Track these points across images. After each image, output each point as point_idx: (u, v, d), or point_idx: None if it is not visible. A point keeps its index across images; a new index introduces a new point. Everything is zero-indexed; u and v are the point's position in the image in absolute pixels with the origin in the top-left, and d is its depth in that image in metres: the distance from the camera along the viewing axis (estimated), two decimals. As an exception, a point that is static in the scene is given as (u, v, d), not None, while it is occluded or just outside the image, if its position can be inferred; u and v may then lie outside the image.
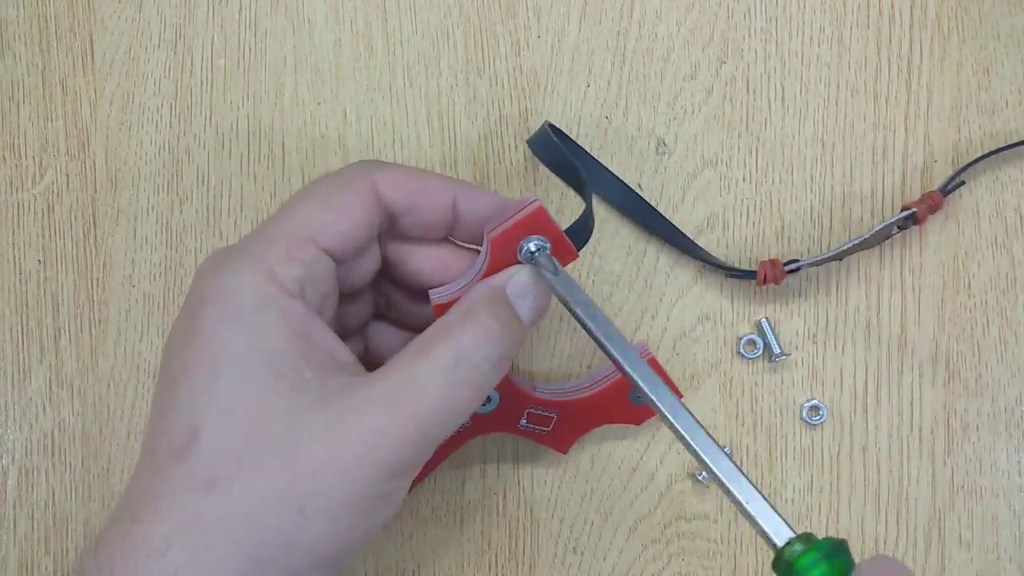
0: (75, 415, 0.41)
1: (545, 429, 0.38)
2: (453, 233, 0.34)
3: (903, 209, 0.39)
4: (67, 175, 0.41)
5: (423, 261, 0.34)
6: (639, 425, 0.39)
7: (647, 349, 0.37)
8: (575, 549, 0.41)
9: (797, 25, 0.41)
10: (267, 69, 0.41)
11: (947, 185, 0.39)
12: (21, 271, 0.41)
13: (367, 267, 0.34)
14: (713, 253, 0.40)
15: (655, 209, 0.40)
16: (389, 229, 0.33)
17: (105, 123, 0.41)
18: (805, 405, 0.40)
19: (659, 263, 0.41)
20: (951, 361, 0.41)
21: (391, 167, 0.33)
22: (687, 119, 0.41)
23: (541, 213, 0.32)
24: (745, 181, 0.41)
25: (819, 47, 0.41)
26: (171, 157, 0.41)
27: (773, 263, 0.39)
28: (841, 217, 0.41)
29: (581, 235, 0.34)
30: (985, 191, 0.41)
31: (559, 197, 0.41)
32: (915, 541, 0.40)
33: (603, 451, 0.41)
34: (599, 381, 0.38)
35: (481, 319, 0.30)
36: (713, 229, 0.41)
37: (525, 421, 0.37)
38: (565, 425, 0.38)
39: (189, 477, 0.28)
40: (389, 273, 0.35)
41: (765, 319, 0.40)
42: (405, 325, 0.37)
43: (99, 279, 0.41)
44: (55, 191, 0.41)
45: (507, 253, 0.32)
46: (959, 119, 0.41)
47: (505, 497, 0.41)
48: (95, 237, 0.41)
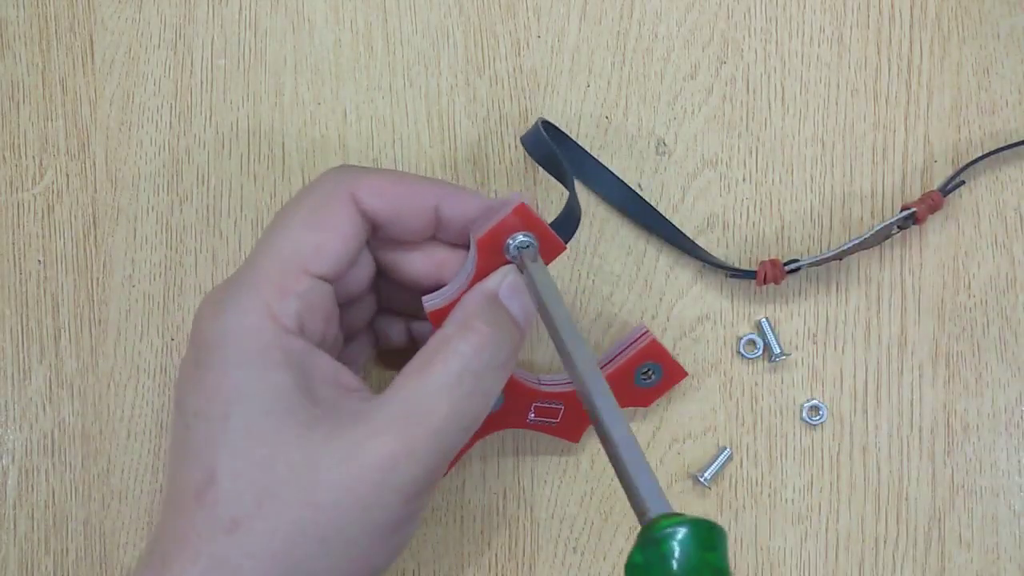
0: (75, 415, 0.41)
1: (554, 421, 0.38)
2: (438, 235, 0.34)
3: (903, 209, 0.39)
4: (67, 175, 0.41)
5: (415, 261, 0.34)
6: (647, 407, 0.39)
7: (646, 330, 0.37)
8: (575, 549, 0.41)
9: (797, 25, 0.41)
10: (267, 69, 0.41)
11: (947, 185, 0.39)
12: (21, 271, 0.41)
13: (362, 274, 0.34)
14: (713, 253, 0.40)
15: (655, 209, 0.40)
16: (374, 235, 0.33)
17: (105, 123, 0.41)
18: (805, 405, 0.40)
19: (659, 263, 0.41)
20: (951, 361, 0.41)
21: (369, 174, 0.32)
22: (687, 119, 0.41)
23: (523, 210, 0.32)
24: (745, 181, 0.41)
25: (819, 47, 0.41)
26: (171, 157, 0.41)
27: (773, 263, 0.39)
28: (841, 217, 0.41)
29: (567, 226, 0.34)
30: (985, 191, 0.41)
31: (559, 197, 0.41)
32: (915, 541, 0.40)
33: (603, 451, 0.41)
34: (603, 366, 0.38)
35: (478, 327, 0.30)
36: (713, 229, 0.41)
37: (533, 415, 0.37)
38: (573, 414, 0.38)
39: (212, 518, 0.28)
40: (384, 273, 0.35)
41: (765, 319, 0.40)
42: (411, 314, 0.37)
43: (99, 279, 0.41)
44: (55, 191, 0.41)
45: (495, 252, 0.33)
46: (959, 119, 0.41)
47: (505, 497, 0.41)
48: (95, 237, 0.41)
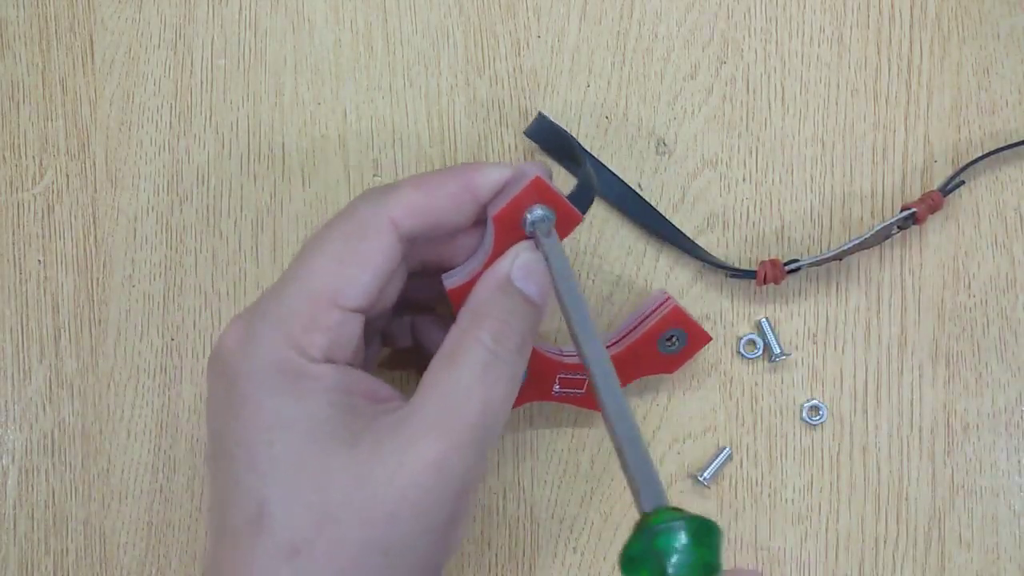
0: (75, 415, 0.41)
1: (580, 391, 0.38)
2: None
3: (903, 209, 0.39)
4: (67, 175, 0.41)
5: (450, 250, 0.34)
6: (672, 373, 0.39)
7: (668, 296, 0.37)
8: (575, 549, 0.41)
9: (797, 25, 0.41)
10: (267, 69, 0.41)
11: (947, 185, 0.39)
12: (21, 271, 0.41)
13: (393, 290, 0.33)
14: (713, 253, 0.40)
15: (655, 209, 0.40)
16: (411, 246, 0.32)
17: (105, 123, 0.41)
18: (805, 405, 0.40)
19: (659, 263, 0.41)
20: (951, 361, 0.41)
21: (401, 192, 0.32)
22: (687, 119, 0.41)
23: (539, 183, 0.32)
24: (745, 181, 0.41)
25: (819, 47, 0.41)
26: (171, 157, 0.41)
27: (773, 263, 0.39)
28: (841, 217, 0.41)
29: (584, 197, 0.34)
30: (985, 191, 0.41)
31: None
32: (915, 541, 0.40)
33: (603, 451, 0.41)
34: (626, 335, 0.38)
35: (494, 314, 0.31)
36: (713, 229, 0.41)
37: (558, 387, 0.37)
38: None
39: (272, 546, 0.28)
40: (414, 271, 0.35)
41: (765, 319, 0.40)
42: (421, 307, 0.37)
43: (99, 279, 0.41)
44: (55, 191, 0.41)
45: (512, 227, 0.33)
46: (959, 119, 0.41)
47: (505, 497, 0.41)
48: (95, 237, 0.41)
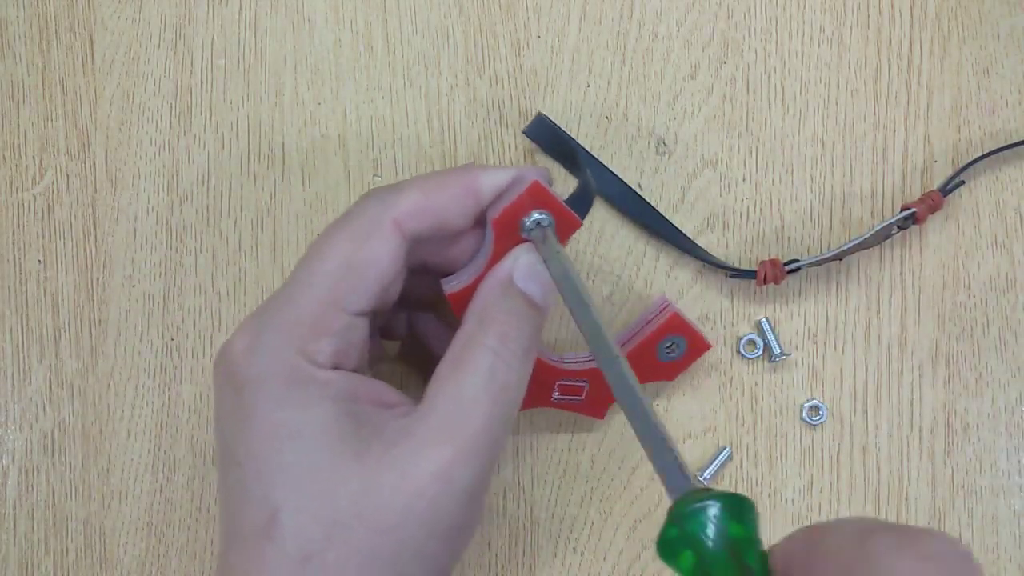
0: (75, 415, 0.41)
1: (579, 398, 0.38)
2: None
3: (903, 209, 0.39)
4: (67, 175, 0.41)
5: (453, 251, 0.34)
6: (672, 380, 0.39)
7: (667, 303, 0.38)
8: (575, 549, 0.41)
9: (797, 25, 0.41)
10: (267, 69, 0.41)
11: (947, 185, 0.39)
12: (21, 271, 0.41)
13: (395, 291, 0.33)
14: (713, 253, 0.40)
15: (655, 209, 0.40)
16: (415, 246, 0.32)
17: (105, 123, 0.41)
18: (805, 405, 0.40)
19: (659, 263, 0.41)
20: (951, 361, 0.41)
21: (405, 194, 0.32)
22: (687, 119, 0.41)
23: (537, 188, 0.33)
24: (745, 181, 0.41)
25: (819, 47, 0.41)
26: (171, 157, 0.41)
27: (773, 263, 0.39)
28: (841, 217, 0.41)
29: (582, 202, 0.34)
30: (985, 191, 0.41)
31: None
32: (915, 541, 0.40)
33: (603, 451, 0.41)
34: (625, 343, 0.38)
35: (499, 318, 0.31)
36: (713, 229, 0.41)
37: (557, 394, 0.37)
38: (598, 391, 0.38)
39: (282, 555, 0.28)
40: (416, 270, 0.35)
41: (765, 319, 0.40)
42: (420, 305, 0.38)
43: (99, 279, 0.41)
44: (55, 191, 0.41)
45: (511, 231, 0.33)
46: (959, 119, 0.41)
47: (505, 497, 0.41)
48: (95, 237, 0.41)
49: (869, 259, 0.41)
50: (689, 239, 0.40)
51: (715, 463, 0.40)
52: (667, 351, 0.37)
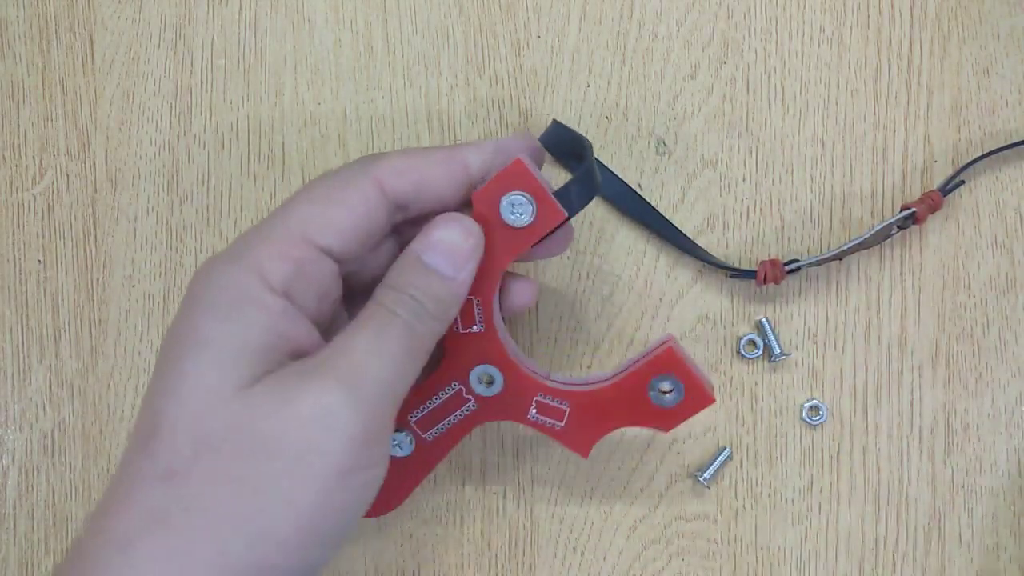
0: (75, 415, 0.41)
1: (559, 424, 0.36)
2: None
3: (903, 209, 0.39)
4: (67, 175, 0.41)
5: None
6: (667, 432, 0.35)
7: (670, 336, 0.36)
8: (575, 549, 0.41)
9: (797, 25, 0.41)
10: (267, 69, 0.41)
11: (947, 185, 0.39)
12: (21, 271, 0.41)
13: (383, 261, 0.34)
14: (713, 253, 0.40)
15: (655, 209, 0.40)
16: (404, 216, 0.33)
17: (105, 123, 0.41)
18: (805, 405, 0.40)
19: (659, 263, 0.41)
20: (951, 361, 0.41)
21: (390, 157, 0.33)
22: (687, 119, 0.41)
23: (520, 167, 0.32)
24: (745, 181, 0.41)
25: (819, 47, 0.41)
26: (171, 157, 0.41)
27: (773, 263, 0.39)
28: (841, 217, 0.41)
29: (575, 194, 0.33)
30: (985, 191, 0.41)
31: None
32: (915, 541, 0.40)
33: (603, 451, 0.41)
34: (617, 374, 0.35)
35: (403, 288, 0.31)
36: (713, 229, 0.41)
37: (535, 411, 0.36)
38: (581, 421, 0.35)
39: (152, 467, 0.28)
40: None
41: (765, 319, 0.40)
42: None
43: (99, 279, 0.41)
44: (55, 191, 0.41)
45: (491, 209, 0.33)
46: (959, 119, 0.41)
47: (505, 497, 0.41)
48: (95, 237, 0.41)
49: (869, 259, 0.41)
50: (689, 239, 0.40)
51: (715, 463, 0.40)
52: (661, 394, 0.35)
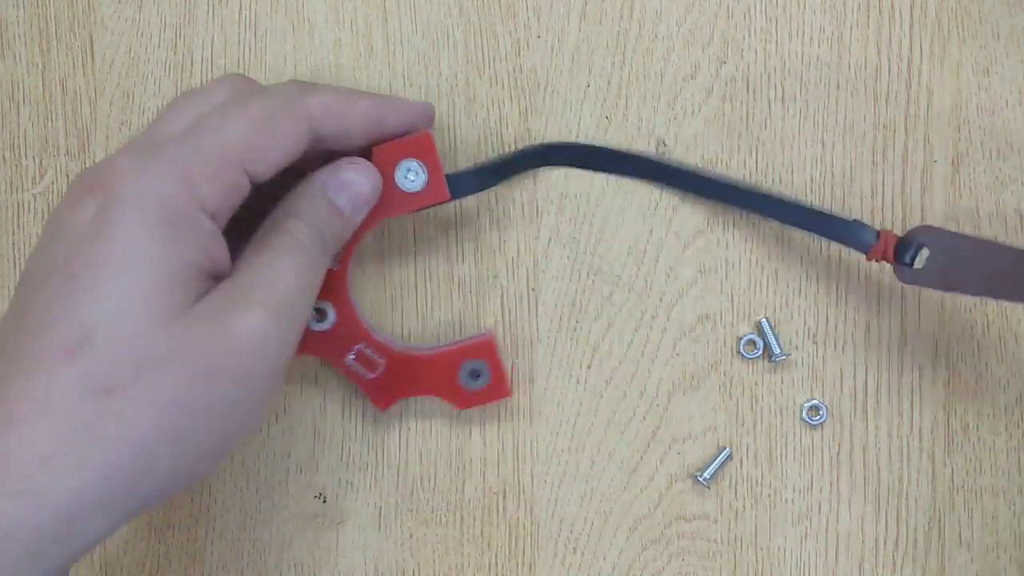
0: (75, 415, 0.41)
1: (370, 374, 0.38)
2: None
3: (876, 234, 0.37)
4: (67, 175, 0.41)
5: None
6: (459, 409, 0.40)
7: (491, 333, 0.40)
8: (575, 549, 0.41)
9: (797, 25, 0.41)
10: (267, 69, 0.41)
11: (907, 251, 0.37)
12: (21, 271, 0.41)
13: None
14: (713, 253, 0.40)
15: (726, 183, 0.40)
16: (311, 144, 0.34)
17: (105, 123, 0.41)
18: (805, 405, 0.40)
19: (659, 263, 0.41)
20: (951, 361, 0.41)
21: (323, 92, 0.34)
22: (687, 119, 0.41)
23: (428, 140, 0.36)
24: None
25: (819, 47, 0.41)
26: (171, 157, 0.41)
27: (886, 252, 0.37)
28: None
29: (468, 182, 0.38)
30: (985, 191, 0.41)
31: (559, 198, 0.41)
32: (915, 541, 0.40)
33: (603, 451, 0.41)
34: (437, 348, 0.39)
35: (304, 216, 0.33)
36: (713, 230, 0.41)
37: (352, 357, 0.38)
38: (390, 378, 0.38)
39: (83, 381, 0.28)
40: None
41: (765, 319, 0.40)
42: None
43: (99, 279, 0.41)
44: (55, 191, 0.41)
45: (386, 167, 0.36)
46: (959, 119, 0.41)
47: (505, 497, 0.41)
48: (95, 237, 0.41)
49: (869, 259, 0.41)
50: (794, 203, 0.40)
51: (715, 463, 0.40)
52: (470, 377, 0.38)
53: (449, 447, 0.41)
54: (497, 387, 0.39)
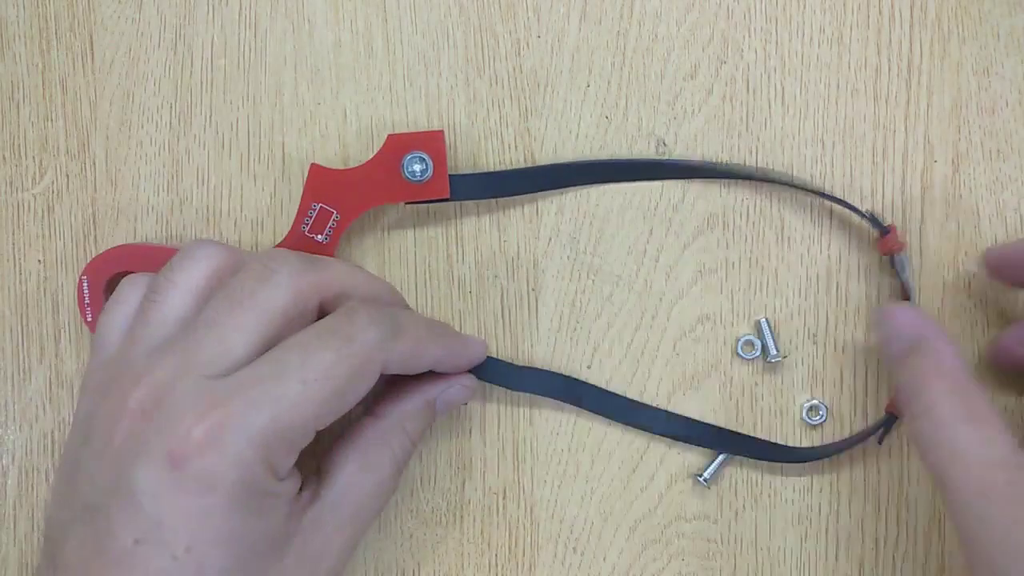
0: (75, 415, 0.41)
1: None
2: None
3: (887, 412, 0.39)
4: (67, 175, 0.41)
5: None
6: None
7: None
8: (575, 549, 0.41)
9: (797, 25, 0.41)
10: (267, 69, 0.41)
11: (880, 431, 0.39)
12: (21, 271, 0.41)
13: None
14: (713, 253, 0.40)
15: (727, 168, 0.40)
16: None
17: (105, 123, 0.41)
18: (805, 405, 0.40)
19: (659, 263, 0.41)
20: (951, 361, 0.40)
21: (402, 342, 0.34)
22: (687, 119, 0.41)
23: (439, 137, 0.37)
24: (745, 181, 0.41)
25: (819, 47, 0.41)
26: (171, 157, 0.41)
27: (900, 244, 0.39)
28: (840, 218, 0.41)
29: (467, 189, 0.38)
30: (985, 191, 0.41)
31: (559, 198, 0.41)
32: (915, 541, 0.40)
33: (603, 451, 0.41)
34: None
35: (411, 431, 0.37)
36: (713, 229, 0.41)
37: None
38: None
39: None
40: None
41: (765, 320, 0.40)
42: None
43: (99, 279, 0.41)
44: (55, 191, 0.41)
45: (395, 151, 0.37)
46: (959, 119, 0.41)
47: (505, 497, 0.41)
48: (95, 237, 0.41)
49: (869, 259, 0.41)
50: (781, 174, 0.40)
51: (715, 463, 0.40)
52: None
53: (449, 447, 0.41)
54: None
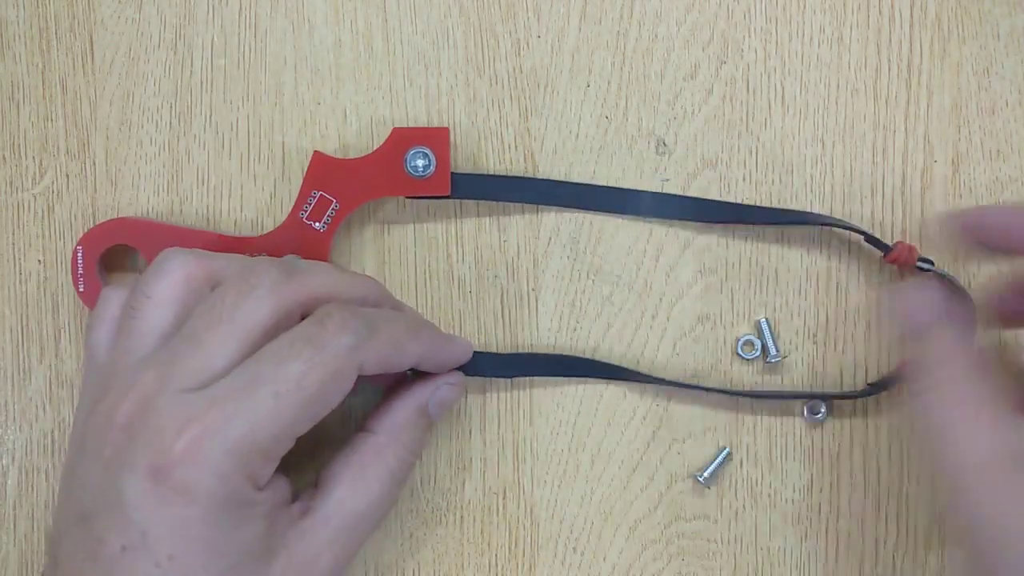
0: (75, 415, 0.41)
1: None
2: None
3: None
4: (67, 175, 0.41)
5: None
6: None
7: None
8: (575, 549, 0.41)
9: (797, 25, 0.41)
10: (267, 69, 0.41)
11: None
12: (21, 271, 0.41)
13: None
14: (713, 253, 0.40)
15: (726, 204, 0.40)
16: None
17: (105, 123, 0.41)
18: (805, 405, 0.40)
19: (659, 263, 0.41)
20: (951, 361, 0.40)
21: (378, 342, 0.33)
22: (687, 119, 0.41)
23: (444, 133, 0.38)
24: (745, 181, 0.41)
25: (819, 47, 0.41)
26: (171, 157, 0.41)
27: (910, 248, 0.38)
28: (841, 217, 0.41)
29: (469, 189, 0.39)
30: (985, 191, 0.41)
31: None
32: (915, 541, 0.40)
33: (603, 451, 0.41)
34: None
35: (406, 442, 0.36)
36: (713, 229, 0.41)
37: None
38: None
39: None
40: None
41: (764, 320, 0.40)
42: None
43: (99, 279, 0.41)
44: (55, 191, 0.41)
45: (400, 145, 0.37)
46: (959, 119, 0.41)
47: (505, 497, 0.41)
48: (95, 237, 0.41)
49: (869, 260, 0.41)
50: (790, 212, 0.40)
51: (715, 463, 0.40)
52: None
53: (449, 447, 0.41)
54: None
